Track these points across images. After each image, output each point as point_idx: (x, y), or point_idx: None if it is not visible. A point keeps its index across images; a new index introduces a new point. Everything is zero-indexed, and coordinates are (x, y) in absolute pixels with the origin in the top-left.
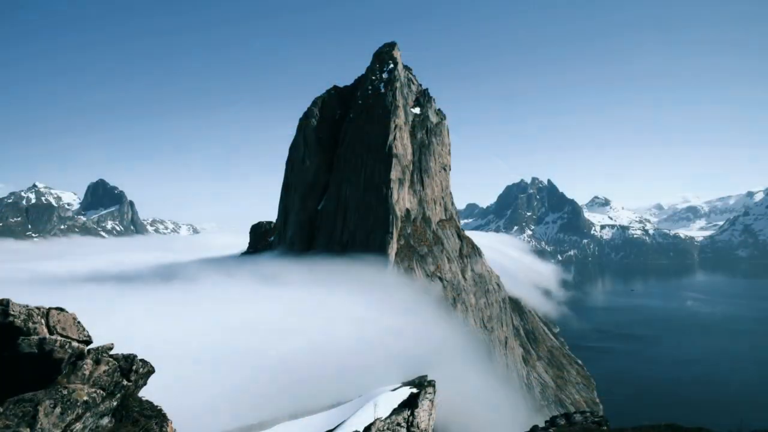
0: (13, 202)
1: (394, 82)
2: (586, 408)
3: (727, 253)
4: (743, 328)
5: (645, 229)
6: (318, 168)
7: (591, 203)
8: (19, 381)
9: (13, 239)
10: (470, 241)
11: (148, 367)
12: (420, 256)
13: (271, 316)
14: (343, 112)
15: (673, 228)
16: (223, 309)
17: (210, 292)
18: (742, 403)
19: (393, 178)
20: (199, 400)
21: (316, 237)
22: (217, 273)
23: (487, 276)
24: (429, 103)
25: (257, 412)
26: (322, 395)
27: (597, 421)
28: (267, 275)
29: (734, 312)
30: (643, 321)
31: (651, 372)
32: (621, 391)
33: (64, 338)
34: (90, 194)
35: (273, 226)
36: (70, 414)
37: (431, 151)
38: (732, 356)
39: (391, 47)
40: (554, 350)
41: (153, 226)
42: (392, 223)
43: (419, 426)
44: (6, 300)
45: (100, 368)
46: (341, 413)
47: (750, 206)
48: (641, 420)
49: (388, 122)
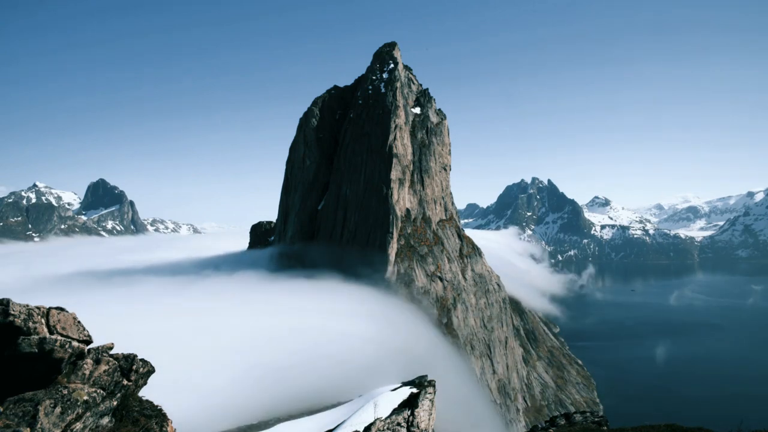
0: (13, 201)
1: (395, 82)
2: (586, 408)
3: (728, 253)
4: (743, 327)
5: (645, 229)
6: (318, 168)
7: (591, 203)
8: (20, 380)
9: (13, 239)
10: (470, 241)
11: (148, 367)
12: (420, 256)
13: (271, 316)
14: (343, 112)
15: (673, 228)
16: (223, 309)
17: (210, 293)
18: (742, 403)
19: (393, 178)
20: (199, 400)
21: (316, 237)
22: (218, 274)
23: (487, 276)
24: (429, 103)
25: (257, 412)
26: (322, 395)
27: (597, 421)
28: (267, 278)
29: (734, 312)
30: (644, 321)
31: (651, 372)
32: (621, 391)
33: (64, 338)
34: (90, 194)
35: (273, 225)
36: (71, 413)
37: (431, 151)
38: (732, 356)
39: (392, 47)
40: (554, 350)
41: (153, 226)
42: (392, 222)
43: (419, 426)
44: (6, 300)
45: (101, 368)
46: (341, 413)
47: (750, 206)
48: (641, 420)
49: (389, 122)
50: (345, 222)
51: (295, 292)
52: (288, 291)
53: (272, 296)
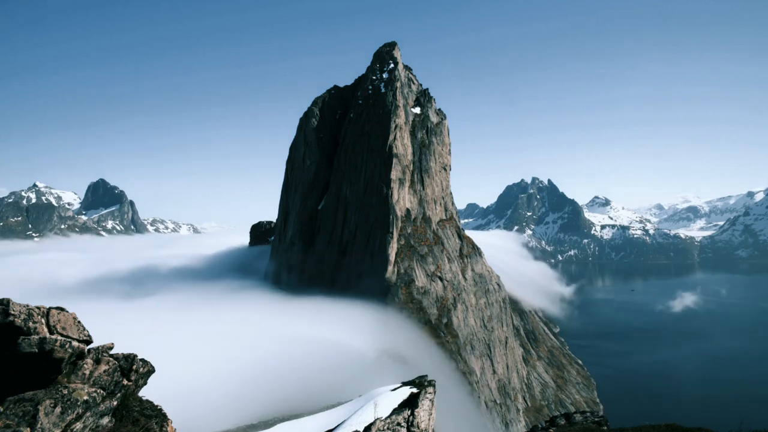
0: (13, 201)
1: (395, 81)
2: (586, 408)
3: (728, 253)
4: (743, 327)
5: (645, 229)
6: (318, 168)
7: (591, 203)
8: (20, 380)
9: (13, 239)
10: (470, 241)
11: (149, 367)
12: (420, 255)
13: (271, 317)
14: (343, 112)
15: (673, 228)
16: (223, 310)
17: (210, 294)
18: (743, 403)
19: (393, 177)
20: (199, 400)
21: (316, 237)
22: (218, 274)
23: (487, 276)
24: (429, 103)
25: (257, 413)
26: (322, 395)
27: (597, 421)
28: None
29: (734, 312)
30: (643, 321)
31: (651, 372)
32: (621, 391)
33: (64, 338)
34: (90, 194)
35: (273, 225)
36: (71, 413)
37: (431, 150)
38: (732, 356)
39: (392, 47)
40: (554, 350)
41: (153, 226)
42: (392, 222)
43: (419, 426)
44: (6, 300)
45: (101, 368)
46: (341, 413)
47: (750, 206)
48: (641, 420)
49: (389, 122)
50: (345, 222)
51: (292, 302)
52: (286, 301)
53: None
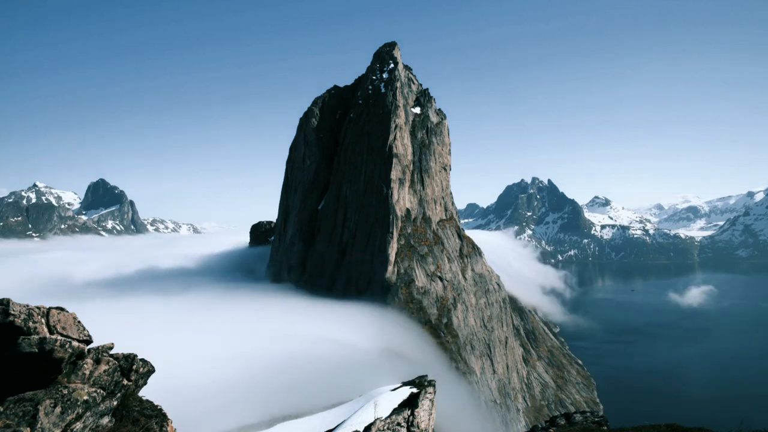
0: (13, 201)
1: (395, 81)
2: (586, 408)
3: (728, 253)
4: (743, 327)
5: (645, 229)
6: (318, 167)
7: (591, 203)
8: (20, 380)
9: (13, 239)
10: (470, 241)
11: (149, 367)
12: (420, 255)
13: (271, 317)
14: (343, 112)
15: (673, 228)
16: (224, 310)
17: (210, 294)
18: (742, 403)
19: (393, 177)
20: (199, 400)
21: (316, 236)
22: (218, 274)
23: (487, 276)
24: (429, 103)
25: (257, 412)
26: (322, 395)
27: (597, 421)
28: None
29: (734, 312)
30: (643, 321)
31: (651, 372)
32: (621, 391)
33: (64, 338)
34: (90, 194)
35: (273, 225)
36: (71, 413)
37: (431, 150)
38: (732, 356)
39: (392, 47)
40: (554, 350)
41: (153, 226)
42: (392, 222)
43: (419, 426)
44: (6, 300)
45: (101, 368)
46: (341, 413)
47: (750, 206)
48: (641, 420)
49: (389, 122)
50: (345, 222)
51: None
52: (286, 301)
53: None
